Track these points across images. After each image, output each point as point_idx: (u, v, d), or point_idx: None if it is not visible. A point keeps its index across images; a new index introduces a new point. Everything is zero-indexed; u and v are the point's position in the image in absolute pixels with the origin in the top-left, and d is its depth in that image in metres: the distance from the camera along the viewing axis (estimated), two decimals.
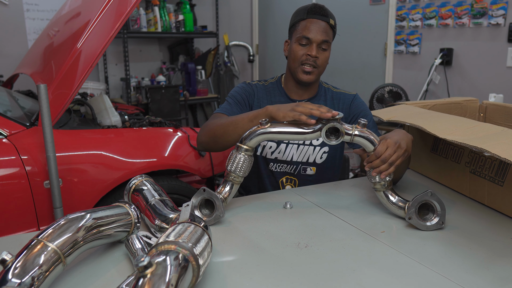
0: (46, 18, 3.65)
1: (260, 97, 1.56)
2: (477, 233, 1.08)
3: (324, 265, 0.92)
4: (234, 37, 4.85)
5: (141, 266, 0.63)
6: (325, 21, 1.46)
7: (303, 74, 1.48)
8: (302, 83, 1.51)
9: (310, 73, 1.48)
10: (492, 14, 3.04)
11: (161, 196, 1.13)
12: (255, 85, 1.59)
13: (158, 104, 3.88)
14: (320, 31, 1.44)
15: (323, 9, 1.47)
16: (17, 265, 0.72)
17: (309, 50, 1.45)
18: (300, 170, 1.54)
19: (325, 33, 1.45)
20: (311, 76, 1.48)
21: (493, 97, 2.53)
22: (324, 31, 1.45)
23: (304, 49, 1.46)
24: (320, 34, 1.44)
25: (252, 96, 1.56)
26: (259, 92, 1.57)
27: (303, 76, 1.48)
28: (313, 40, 1.44)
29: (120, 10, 1.91)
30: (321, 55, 1.47)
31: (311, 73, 1.48)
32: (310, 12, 1.46)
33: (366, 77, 4.04)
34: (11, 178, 1.74)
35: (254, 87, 1.58)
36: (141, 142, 2.13)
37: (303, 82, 1.51)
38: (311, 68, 1.47)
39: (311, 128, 1.15)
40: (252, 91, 1.56)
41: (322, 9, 1.47)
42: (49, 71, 2.07)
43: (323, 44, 1.46)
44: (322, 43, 1.45)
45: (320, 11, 1.46)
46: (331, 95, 1.59)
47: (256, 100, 1.55)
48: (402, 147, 1.16)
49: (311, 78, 1.48)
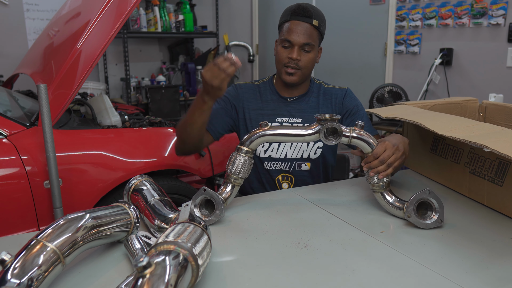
0: (46, 18, 3.66)
1: (249, 97, 1.57)
2: (477, 233, 1.08)
3: (324, 265, 0.92)
4: (234, 37, 4.85)
5: (140, 266, 0.63)
6: (308, 22, 1.44)
7: (286, 75, 1.49)
8: (286, 84, 1.52)
9: (293, 75, 1.48)
10: (492, 14, 3.04)
11: (161, 196, 1.13)
12: (244, 85, 1.60)
13: (158, 104, 3.88)
14: (302, 34, 1.44)
15: (306, 10, 1.45)
16: (16, 265, 0.72)
17: (290, 53, 1.45)
18: (295, 167, 1.54)
19: (307, 35, 1.44)
20: (293, 77, 1.48)
21: (493, 97, 2.53)
22: (306, 33, 1.44)
23: (286, 51, 1.47)
24: (301, 37, 1.44)
25: (236, 98, 1.57)
26: (246, 93, 1.58)
27: (286, 77, 1.49)
28: (294, 43, 1.44)
29: (120, 10, 1.91)
30: (304, 57, 1.46)
31: (293, 75, 1.48)
32: (294, 13, 1.46)
33: (366, 77, 4.04)
34: (11, 178, 1.74)
35: (240, 89, 1.58)
36: (141, 142, 2.13)
37: (286, 83, 1.52)
38: (293, 70, 1.47)
39: (310, 130, 1.16)
40: (237, 93, 1.57)
41: (305, 10, 1.45)
42: (49, 71, 2.07)
43: (306, 47, 1.45)
44: (304, 45, 1.45)
45: (303, 12, 1.45)
46: (323, 91, 1.59)
47: (241, 101, 1.56)
48: (400, 149, 1.18)
49: (293, 79, 1.49)
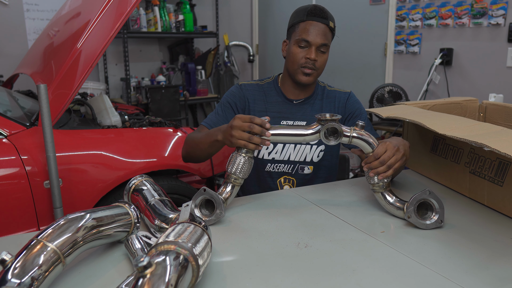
0: (46, 18, 3.66)
1: (254, 98, 1.56)
2: (477, 233, 1.08)
3: (324, 265, 0.92)
4: (234, 37, 4.85)
5: (141, 266, 0.63)
6: (325, 23, 1.45)
7: (302, 76, 1.48)
8: (301, 84, 1.52)
9: (310, 75, 1.48)
10: (492, 14, 3.04)
11: (161, 196, 1.13)
12: (249, 85, 1.59)
13: (158, 104, 3.88)
14: (320, 34, 1.44)
15: (323, 12, 1.46)
16: (17, 265, 0.72)
17: (308, 53, 1.45)
18: (298, 170, 1.54)
19: (324, 36, 1.44)
20: (310, 77, 1.48)
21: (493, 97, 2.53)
22: (323, 34, 1.44)
23: (303, 51, 1.46)
24: (319, 37, 1.44)
25: (242, 100, 1.56)
26: (252, 93, 1.57)
27: (302, 77, 1.48)
28: (313, 43, 1.44)
29: (120, 10, 1.91)
30: (320, 58, 1.47)
31: (310, 75, 1.48)
32: (310, 14, 1.45)
33: (366, 77, 4.04)
34: (11, 178, 1.74)
35: (245, 89, 1.57)
36: (141, 142, 2.13)
37: (302, 84, 1.51)
38: (310, 70, 1.47)
39: (311, 130, 1.16)
40: (243, 94, 1.56)
41: (322, 11, 1.46)
42: (49, 71, 2.07)
43: (322, 47, 1.45)
44: (321, 46, 1.45)
45: (320, 13, 1.45)
46: (327, 94, 1.59)
47: (247, 102, 1.56)
48: (401, 151, 1.18)
49: (310, 79, 1.49)
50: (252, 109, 1.55)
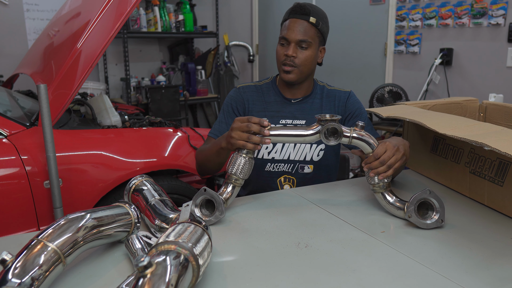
0: (46, 18, 3.65)
1: (252, 99, 1.57)
2: (477, 233, 1.08)
3: (324, 265, 0.92)
4: (234, 37, 4.85)
5: (141, 266, 0.63)
6: (305, 19, 1.45)
7: (283, 73, 1.50)
8: (287, 82, 1.53)
9: (290, 72, 1.48)
10: (492, 14, 3.05)
11: (161, 196, 1.13)
12: (247, 87, 1.60)
13: (158, 104, 3.88)
14: (297, 31, 1.45)
15: (303, 8, 1.47)
16: (17, 265, 0.72)
17: (286, 50, 1.47)
18: (298, 169, 1.54)
19: (303, 32, 1.45)
20: (291, 75, 1.49)
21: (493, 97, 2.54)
22: (302, 30, 1.45)
23: (283, 49, 1.48)
24: (296, 34, 1.45)
25: (241, 102, 1.57)
26: (250, 94, 1.58)
27: (284, 75, 1.50)
28: (290, 39, 1.45)
29: (120, 10, 1.91)
30: (300, 54, 1.47)
31: (290, 72, 1.48)
32: (292, 12, 1.48)
33: (366, 77, 4.05)
34: (11, 178, 1.74)
35: (243, 91, 1.58)
36: (141, 142, 2.13)
37: (286, 82, 1.52)
38: (290, 67, 1.47)
39: (311, 130, 1.16)
40: (241, 97, 1.57)
41: (302, 8, 1.47)
42: (49, 71, 2.07)
43: (303, 43, 1.46)
44: (301, 42, 1.45)
45: (300, 10, 1.46)
46: (326, 93, 1.59)
47: (245, 104, 1.57)
48: (401, 151, 1.18)
49: (291, 77, 1.49)
50: (251, 109, 1.56)
